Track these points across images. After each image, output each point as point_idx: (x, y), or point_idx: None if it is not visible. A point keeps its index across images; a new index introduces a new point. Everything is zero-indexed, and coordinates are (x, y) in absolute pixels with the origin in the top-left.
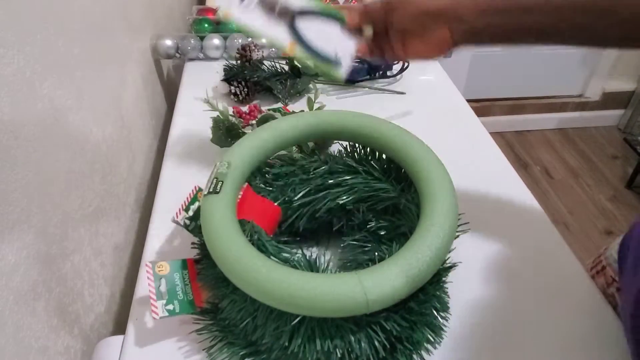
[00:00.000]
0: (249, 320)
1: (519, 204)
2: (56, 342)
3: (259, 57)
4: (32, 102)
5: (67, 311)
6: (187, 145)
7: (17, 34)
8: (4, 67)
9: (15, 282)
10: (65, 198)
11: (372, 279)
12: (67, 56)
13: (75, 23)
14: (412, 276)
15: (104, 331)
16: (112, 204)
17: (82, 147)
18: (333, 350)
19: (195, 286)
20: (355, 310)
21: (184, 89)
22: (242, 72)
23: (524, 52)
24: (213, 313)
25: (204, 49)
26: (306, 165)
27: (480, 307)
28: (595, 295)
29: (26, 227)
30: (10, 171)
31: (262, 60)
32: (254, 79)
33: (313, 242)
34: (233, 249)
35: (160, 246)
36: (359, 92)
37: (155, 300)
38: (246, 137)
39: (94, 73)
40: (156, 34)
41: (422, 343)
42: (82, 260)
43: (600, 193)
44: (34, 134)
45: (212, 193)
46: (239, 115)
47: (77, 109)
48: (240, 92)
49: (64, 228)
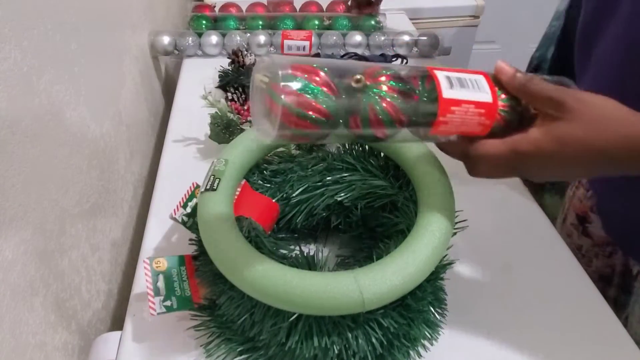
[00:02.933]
0: (247, 316)
1: (517, 202)
2: (54, 338)
3: (252, 62)
4: (30, 97)
5: (65, 307)
6: (185, 142)
7: (14, 29)
8: (1, 62)
9: (12, 278)
10: (63, 194)
11: (368, 278)
12: (64, 51)
13: (73, 18)
14: (409, 275)
15: (102, 327)
16: (110, 200)
17: (79, 143)
18: (330, 346)
19: (193, 282)
20: (352, 309)
21: (182, 85)
22: (238, 78)
23: (524, 51)
24: (211, 309)
25: (202, 46)
26: (304, 162)
27: (477, 304)
28: (594, 294)
29: (24, 223)
30: (7, 167)
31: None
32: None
33: (311, 239)
34: (229, 247)
35: (158, 242)
36: None
37: (153, 297)
38: (244, 134)
39: (91, 69)
40: (154, 31)
41: (419, 340)
42: (80, 257)
43: None
44: (32, 130)
45: (209, 190)
46: (237, 111)
47: (74, 105)
48: (237, 98)
49: (61, 224)
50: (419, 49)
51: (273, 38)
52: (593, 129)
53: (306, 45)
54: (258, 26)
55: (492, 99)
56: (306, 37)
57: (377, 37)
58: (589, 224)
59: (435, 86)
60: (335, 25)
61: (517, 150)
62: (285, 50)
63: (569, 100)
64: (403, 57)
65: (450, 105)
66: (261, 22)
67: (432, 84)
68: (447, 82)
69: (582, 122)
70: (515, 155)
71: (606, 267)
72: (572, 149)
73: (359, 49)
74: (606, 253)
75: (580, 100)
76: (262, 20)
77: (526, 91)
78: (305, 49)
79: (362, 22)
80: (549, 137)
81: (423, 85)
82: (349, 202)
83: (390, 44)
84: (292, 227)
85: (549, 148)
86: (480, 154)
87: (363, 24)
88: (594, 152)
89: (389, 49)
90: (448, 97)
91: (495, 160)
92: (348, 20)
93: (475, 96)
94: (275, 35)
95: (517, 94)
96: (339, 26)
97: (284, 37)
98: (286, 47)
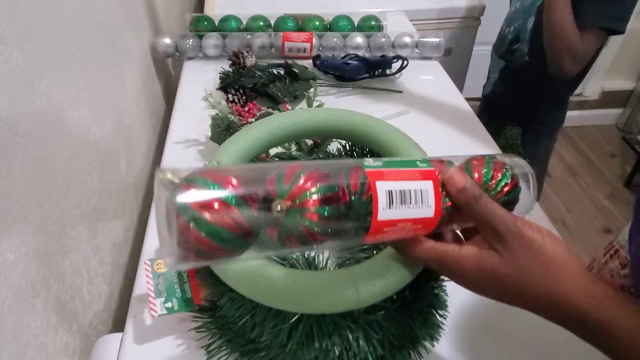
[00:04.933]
0: (248, 318)
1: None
2: (55, 340)
3: (253, 63)
4: (31, 99)
5: (66, 308)
6: (186, 143)
7: (15, 31)
8: (3, 63)
9: (14, 280)
10: (64, 195)
11: (363, 274)
12: (66, 53)
13: (74, 20)
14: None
15: (103, 328)
16: (111, 201)
17: (80, 144)
18: (331, 348)
19: (194, 284)
20: (347, 306)
21: (182, 87)
22: (239, 79)
23: None
24: (211, 311)
25: (203, 47)
26: None
27: (478, 305)
28: None
29: (25, 225)
30: (8, 168)
31: (256, 66)
32: (249, 86)
33: None
34: None
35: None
36: (358, 90)
37: (154, 298)
38: (236, 136)
39: (93, 71)
40: (155, 33)
41: (419, 340)
42: (81, 258)
43: (599, 191)
44: (33, 131)
45: None
46: (237, 113)
47: (76, 107)
48: (238, 99)
49: (62, 225)
50: (420, 50)
51: (273, 40)
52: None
53: (307, 47)
54: (258, 28)
55: (434, 213)
56: (307, 39)
57: (378, 39)
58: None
59: (372, 201)
60: (335, 27)
61: (442, 262)
62: (285, 52)
63: (508, 236)
64: (404, 59)
65: (384, 227)
66: (262, 23)
67: (369, 199)
68: (386, 199)
69: (511, 262)
70: (439, 265)
71: None
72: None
73: (359, 50)
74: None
75: (522, 239)
76: (263, 22)
77: (471, 211)
78: (306, 50)
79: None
80: (475, 264)
81: (359, 197)
82: None
83: (391, 45)
84: None
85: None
86: (413, 255)
87: (363, 26)
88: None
89: (390, 50)
90: (383, 219)
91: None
92: (349, 22)
93: (416, 213)
94: (275, 37)
95: (462, 210)
96: (339, 27)
97: (285, 38)
98: (287, 49)
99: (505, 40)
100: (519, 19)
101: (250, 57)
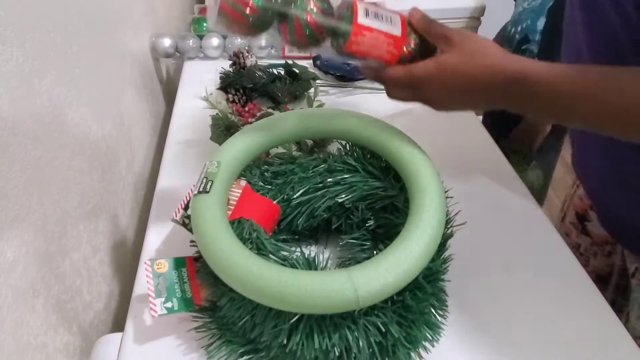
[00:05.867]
0: (248, 318)
1: (517, 202)
2: (55, 339)
3: (253, 63)
4: (31, 98)
5: (66, 308)
6: (187, 144)
7: (16, 31)
8: (3, 63)
9: (14, 280)
10: (64, 195)
11: (362, 275)
12: (66, 53)
13: (75, 20)
14: (402, 271)
15: (103, 328)
16: (111, 201)
17: (81, 144)
18: (331, 348)
19: (194, 284)
20: (347, 306)
21: (183, 87)
22: (239, 79)
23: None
24: (212, 311)
25: (203, 48)
26: (305, 163)
27: (478, 305)
28: (594, 294)
29: (25, 225)
30: (9, 168)
31: (256, 66)
32: (250, 86)
33: (312, 240)
34: (223, 248)
35: (159, 244)
36: (358, 91)
37: (154, 298)
38: (236, 136)
39: (93, 71)
40: (155, 33)
41: (420, 341)
42: (81, 258)
43: None
44: (33, 131)
45: (202, 192)
46: (238, 113)
47: (76, 106)
48: (238, 99)
49: (63, 225)
50: None
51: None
52: (466, 58)
53: None
54: None
55: (401, 34)
56: None
57: None
58: (589, 222)
59: (354, 13)
60: None
61: (412, 73)
62: (286, 52)
63: (455, 36)
64: None
65: (362, 30)
66: None
67: (352, 10)
68: (364, 11)
69: (459, 53)
70: (410, 77)
71: (605, 266)
72: (448, 74)
73: None
74: (605, 252)
75: (464, 36)
76: None
77: (428, 30)
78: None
79: None
80: (435, 64)
81: (346, 10)
82: (350, 203)
83: None
84: (293, 228)
85: (433, 72)
86: (387, 75)
87: None
88: (463, 77)
89: None
90: (362, 23)
91: (397, 81)
92: None
93: (387, 28)
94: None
95: (422, 32)
96: None
97: None
98: (287, 49)
99: (512, 40)
100: (528, 19)
101: (251, 57)
